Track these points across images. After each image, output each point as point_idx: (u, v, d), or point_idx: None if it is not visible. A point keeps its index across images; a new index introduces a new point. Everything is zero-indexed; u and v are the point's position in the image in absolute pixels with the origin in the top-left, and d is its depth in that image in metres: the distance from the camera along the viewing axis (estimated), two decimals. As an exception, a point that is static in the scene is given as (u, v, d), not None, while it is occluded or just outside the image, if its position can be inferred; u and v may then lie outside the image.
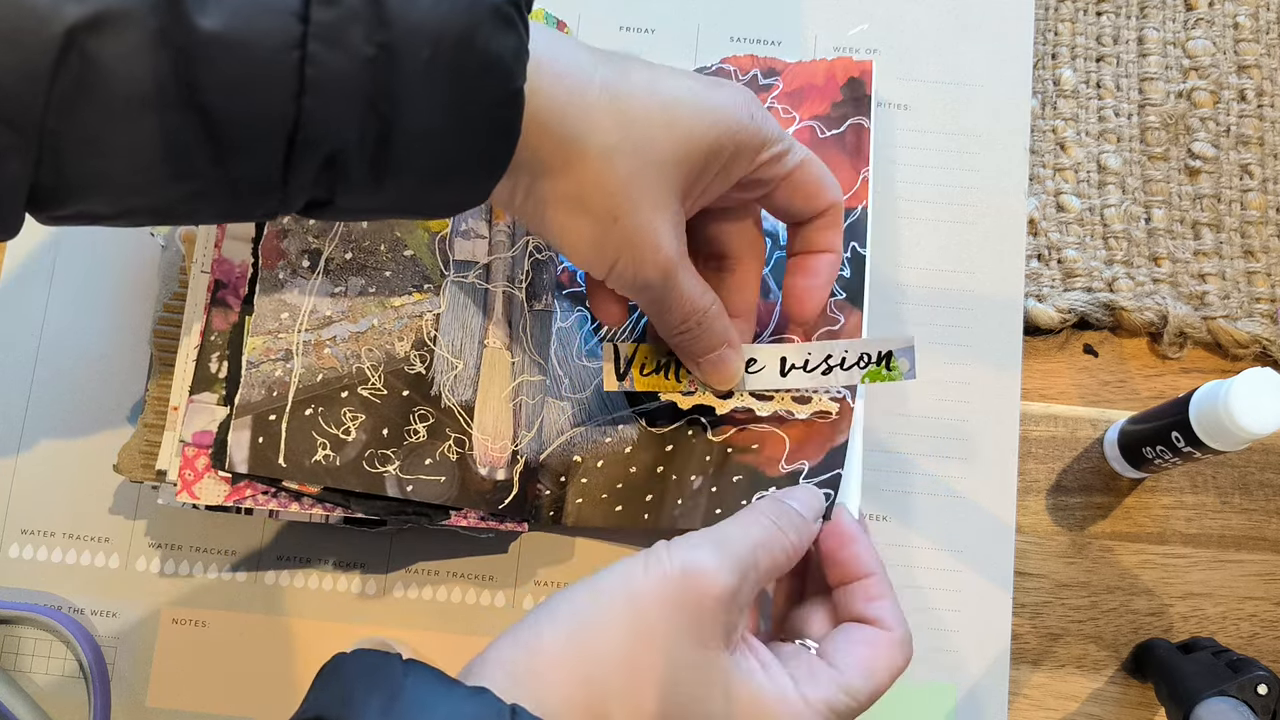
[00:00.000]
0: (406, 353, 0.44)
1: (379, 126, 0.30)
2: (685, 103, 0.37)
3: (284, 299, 0.44)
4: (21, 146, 0.27)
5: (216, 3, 0.28)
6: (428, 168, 0.32)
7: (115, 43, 0.27)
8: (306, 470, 0.42)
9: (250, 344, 0.43)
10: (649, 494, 0.45)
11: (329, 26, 0.29)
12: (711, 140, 0.37)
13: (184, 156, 0.29)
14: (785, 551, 0.37)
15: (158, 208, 0.31)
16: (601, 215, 0.36)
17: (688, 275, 0.39)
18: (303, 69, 0.29)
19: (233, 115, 0.29)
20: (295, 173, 0.30)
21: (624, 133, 0.36)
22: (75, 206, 0.30)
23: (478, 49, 0.30)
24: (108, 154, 0.29)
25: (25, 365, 0.50)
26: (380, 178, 0.32)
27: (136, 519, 0.48)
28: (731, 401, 0.44)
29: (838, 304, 0.46)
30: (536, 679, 0.32)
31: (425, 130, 0.31)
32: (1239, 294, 0.51)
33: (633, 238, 0.37)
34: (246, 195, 0.31)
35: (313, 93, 0.29)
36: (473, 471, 0.43)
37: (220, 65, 0.28)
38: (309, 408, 0.42)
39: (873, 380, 0.43)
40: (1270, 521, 0.49)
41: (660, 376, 0.44)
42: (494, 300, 0.45)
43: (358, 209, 0.33)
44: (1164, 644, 0.47)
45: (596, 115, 0.35)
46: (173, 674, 0.47)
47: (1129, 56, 0.54)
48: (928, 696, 0.47)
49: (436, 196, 0.34)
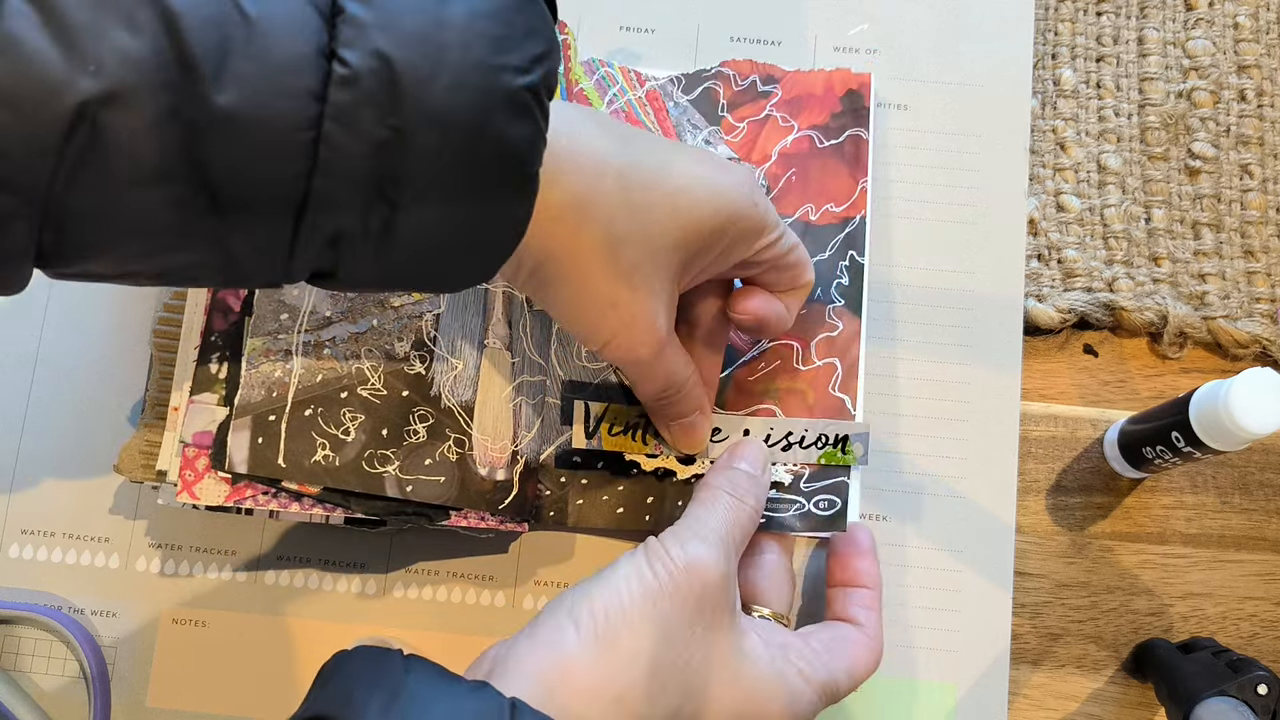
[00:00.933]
0: (406, 353, 0.44)
1: (385, 208, 0.30)
2: (693, 191, 0.38)
3: (284, 300, 0.44)
4: (28, 213, 0.27)
5: (233, 80, 0.27)
6: (433, 250, 0.32)
7: (127, 118, 0.27)
8: (306, 470, 0.42)
9: (250, 345, 0.43)
10: (650, 496, 0.45)
11: (345, 108, 0.28)
12: (715, 228, 0.38)
13: (188, 230, 0.29)
14: (750, 517, 0.41)
15: (160, 273, 0.31)
16: (601, 301, 0.37)
17: (673, 350, 0.41)
18: (316, 149, 0.28)
19: (241, 192, 0.29)
20: (300, 248, 0.30)
21: (631, 224, 0.36)
22: (79, 267, 0.30)
23: (490, 137, 0.30)
24: (112, 223, 0.29)
25: (25, 365, 0.50)
26: (385, 256, 0.32)
27: (136, 519, 0.48)
28: (694, 467, 0.45)
29: (836, 310, 0.46)
30: (567, 687, 0.34)
31: (432, 215, 0.31)
32: (1239, 294, 0.51)
33: (629, 321, 0.38)
34: (250, 267, 0.31)
35: (323, 173, 0.29)
36: (472, 472, 0.43)
37: (232, 142, 0.28)
38: (308, 408, 0.42)
39: (828, 461, 0.44)
40: (1270, 521, 0.49)
41: (627, 438, 0.45)
42: (494, 300, 0.45)
43: (361, 282, 0.33)
44: (1164, 644, 0.47)
45: (608, 206, 0.36)
46: (173, 674, 0.47)
47: (1129, 56, 0.54)
48: (928, 696, 0.47)
49: (440, 277, 0.34)
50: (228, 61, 0.27)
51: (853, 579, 0.43)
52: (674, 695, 0.35)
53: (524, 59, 0.30)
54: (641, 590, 0.36)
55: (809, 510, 0.43)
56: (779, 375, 0.46)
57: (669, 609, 0.36)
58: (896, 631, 0.47)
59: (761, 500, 0.42)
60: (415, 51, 0.29)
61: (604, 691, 0.34)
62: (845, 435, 0.44)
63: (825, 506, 0.43)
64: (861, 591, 0.43)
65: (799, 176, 0.48)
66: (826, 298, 0.47)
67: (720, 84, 0.50)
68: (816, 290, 0.47)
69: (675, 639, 0.35)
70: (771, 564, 0.42)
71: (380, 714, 0.31)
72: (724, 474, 0.42)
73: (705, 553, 0.37)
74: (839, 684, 0.39)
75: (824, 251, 0.47)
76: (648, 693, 0.34)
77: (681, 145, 0.40)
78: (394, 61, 0.29)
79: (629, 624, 0.35)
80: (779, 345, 0.47)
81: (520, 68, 0.30)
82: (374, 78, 0.28)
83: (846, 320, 0.46)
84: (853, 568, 0.43)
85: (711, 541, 0.38)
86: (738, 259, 0.40)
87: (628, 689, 0.34)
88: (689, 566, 0.36)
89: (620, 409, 0.46)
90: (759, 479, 0.42)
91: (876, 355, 0.49)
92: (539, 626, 0.36)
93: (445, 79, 0.29)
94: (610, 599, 0.36)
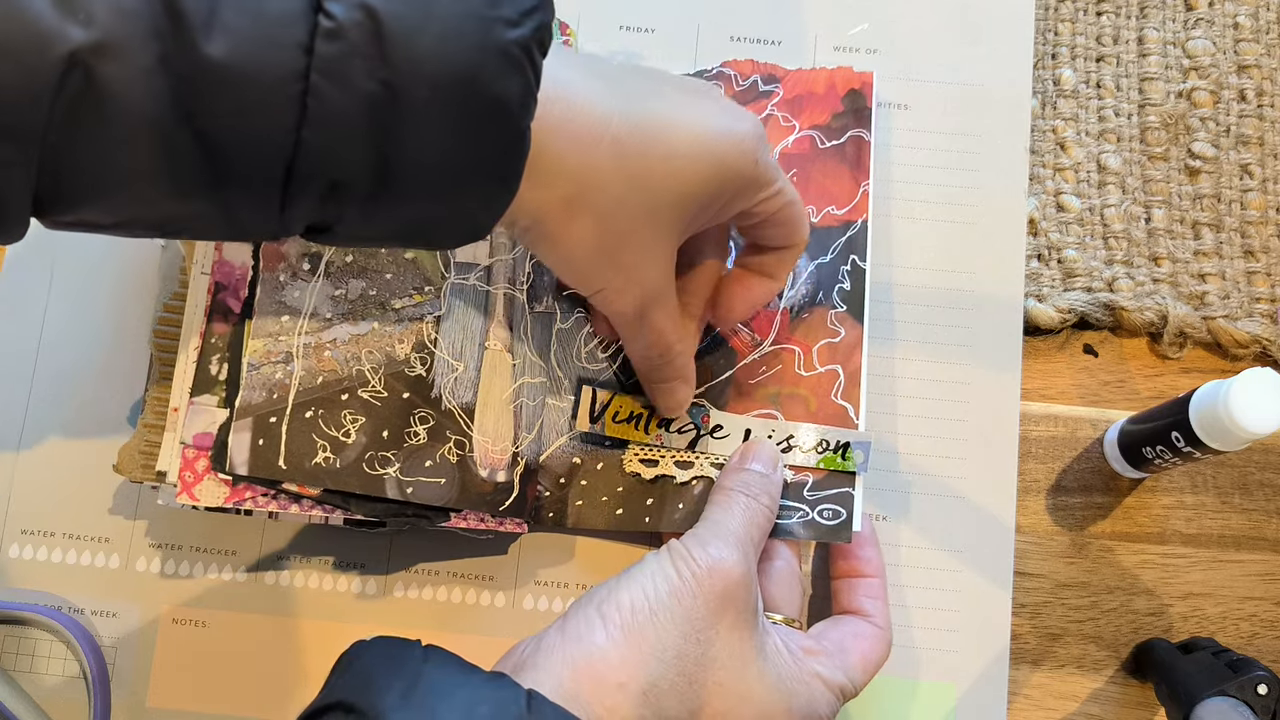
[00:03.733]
0: (407, 355, 0.44)
1: (378, 161, 0.30)
2: (692, 153, 0.37)
3: (284, 301, 0.44)
4: (24, 160, 0.28)
5: (222, 31, 0.28)
6: (426, 204, 0.32)
7: (118, 67, 0.27)
8: (307, 472, 0.42)
9: (251, 346, 0.43)
10: (649, 498, 0.45)
11: (332, 60, 0.28)
12: (715, 188, 0.38)
13: (182, 178, 0.29)
14: (766, 516, 0.41)
15: (156, 223, 0.32)
16: (592, 260, 0.37)
17: (663, 311, 0.40)
18: (304, 101, 0.29)
19: (231, 142, 0.29)
20: (293, 200, 0.30)
21: (627, 190, 0.36)
22: (76, 215, 0.30)
23: (480, 91, 0.30)
24: (106, 172, 0.29)
25: (25, 365, 0.50)
26: (378, 210, 0.32)
27: (136, 519, 0.48)
28: (691, 471, 0.45)
29: (838, 316, 0.46)
30: (596, 680, 0.34)
31: (424, 167, 0.31)
32: (1239, 294, 0.51)
33: (620, 274, 0.38)
34: (244, 218, 0.31)
35: (312, 125, 0.29)
36: (473, 473, 0.43)
37: (222, 93, 0.28)
38: (309, 410, 0.42)
39: (827, 466, 0.44)
40: (1270, 521, 0.49)
41: (630, 426, 0.45)
42: (495, 302, 0.45)
43: (357, 236, 0.33)
44: (1164, 644, 0.47)
45: (603, 173, 0.35)
46: (173, 674, 0.47)
47: (1129, 56, 0.54)
48: (927, 696, 0.47)
49: (435, 231, 0.34)
50: (217, 12, 0.28)
51: (856, 569, 0.44)
52: (699, 691, 0.36)
53: (515, 11, 0.30)
54: (668, 589, 0.37)
55: (813, 519, 0.43)
56: (780, 380, 0.46)
57: (693, 606, 0.36)
58: (896, 631, 0.47)
59: (775, 499, 0.42)
60: (403, 4, 0.29)
61: (631, 685, 0.34)
62: (847, 442, 0.44)
63: (830, 516, 0.43)
64: (866, 581, 0.44)
65: (800, 178, 0.48)
66: (829, 302, 0.47)
67: (721, 84, 0.50)
68: (819, 294, 0.47)
69: (700, 636, 0.36)
70: (781, 570, 0.43)
71: (400, 701, 0.31)
72: (738, 475, 0.42)
73: (727, 554, 0.38)
74: (855, 682, 0.40)
75: (825, 254, 0.47)
76: (674, 687, 0.35)
77: (683, 89, 0.39)
78: (379, 14, 0.29)
79: (655, 620, 0.36)
80: (780, 350, 0.47)
81: (511, 20, 0.30)
82: (359, 30, 0.28)
83: (848, 326, 0.46)
84: (855, 557, 0.44)
85: (731, 542, 0.38)
86: (736, 211, 0.40)
87: (654, 683, 0.35)
88: (712, 568, 0.37)
89: (626, 399, 0.46)
90: (771, 478, 0.42)
91: (877, 355, 0.49)
92: (568, 621, 0.37)
93: (434, 31, 0.29)
94: (637, 596, 0.37)
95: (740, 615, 0.37)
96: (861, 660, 0.40)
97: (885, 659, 0.42)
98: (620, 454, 0.46)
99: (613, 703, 0.34)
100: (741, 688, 0.36)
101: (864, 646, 0.41)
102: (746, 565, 0.38)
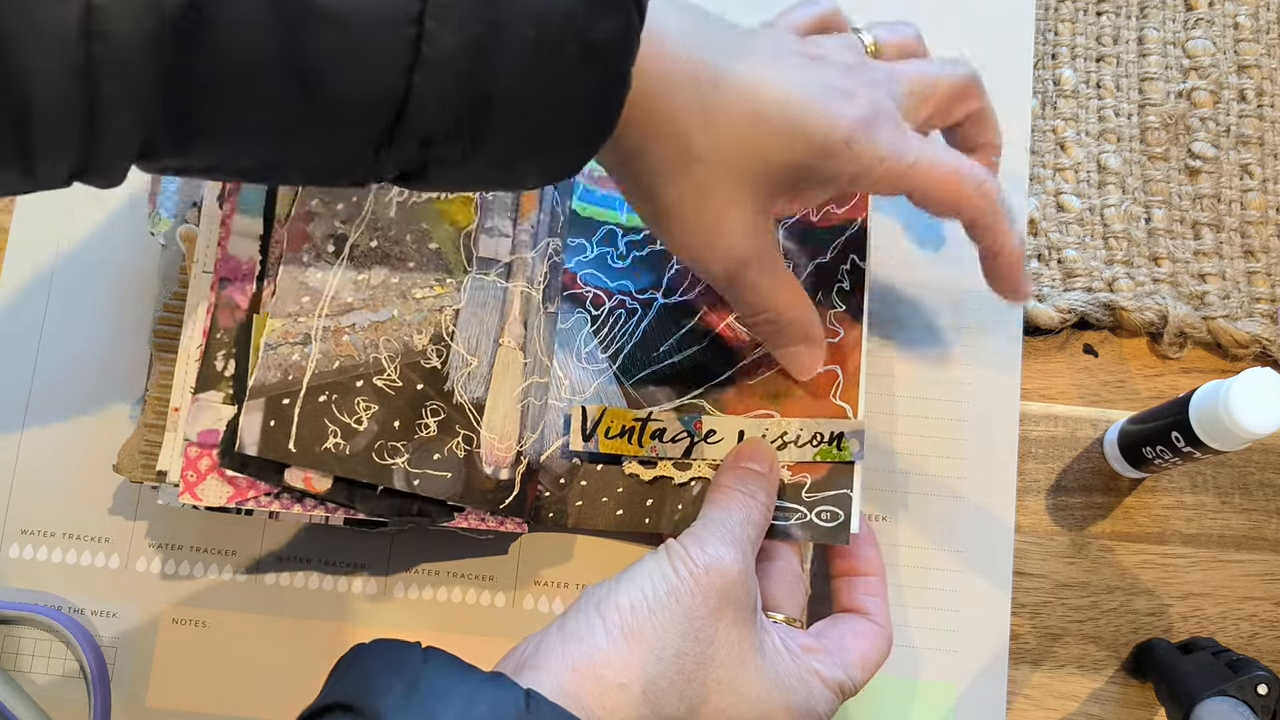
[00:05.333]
0: (424, 346, 0.44)
1: (480, 102, 0.30)
2: (774, 123, 0.36)
3: (306, 282, 0.43)
4: (133, 101, 0.27)
5: None
6: (524, 143, 0.32)
7: (230, 9, 0.27)
8: (316, 457, 0.41)
9: (269, 325, 0.43)
10: (649, 499, 0.45)
11: (444, 4, 0.28)
12: (793, 165, 0.37)
13: (285, 122, 0.29)
14: (763, 514, 0.41)
15: (249, 168, 0.32)
16: (670, 210, 0.37)
17: (759, 274, 0.39)
18: (418, 45, 0.28)
19: (340, 86, 0.29)
20: (394, 145, 0.30)
21: (708, 142, 0.35)
22: (179, 159, 0.30)
23: (581, 32, 0.30)
24: (214, 113, 0.29)
25: (25, 365, 0.50)
26: (475, 151, 0.32)
27: (137, 519, 0.48)
28: (689, 472, 0.45)
29: (837, 316, 0.46)
30: (596, 680, 0.34)
31: (524, 107, 0.31)
32: (1239, 294, 0.51)
33: (701, 233, 0.37)
34: (340, 163, 0.31)
35: (423, 69, 0.29)
36: (478, 469, 0.43)
37: (335, 36, 0.28)
38: (323, 394, 0.42)
39: (823, 458, 0.44)
40: (1270, 521, 0.49)
41: (623, 441, 0.45)
42: (512, 300, 0.45)
43: (448, 180, 0.33)
44: (1164, 644, 0.47)
45: (686, 121, 0.35)
46: (173, 674, 0.47)
47: (1129, 56, 0.54)
48: (927, 696, 0.47)
49: (528, 170, 0.34)
50: None
51: (855, 568, 0.44)
52: (699, 689, 0.36)
53: None
54: (666, 588, 0.37)
55: (811, 520, 0.43)
56: (779, 380, 0.46)
57: (692, 605, 0.36)
58: (897, 631, 0.47)
59: (772, 497, 0.42)
60: None
61: (632, 685, 0.35)
62: (840, 432, 0.44)
63: (828, 518, 0.43)
64: (866, 580, 0.43)
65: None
66: (828, 302, 0.47)
67: None
68: (818, 294, 0.47)
69: (699, 634, 0.36)
70: (783, 570, 0.43)
71: (400, 702, 0.31)
72: (734, 474, 0.42)
73: (724, 552, 0.38)
74: (855, 680, 0.40)
75: (825, 254, 0.47)
76: (674, 686, 0.35)
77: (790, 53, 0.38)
78: None
79: (654, 619, 0.36)
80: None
81: None
82: None
83: (848, 327, 0.46)
84: (854, 556, 0.44)
85: (729, 541, 0.38)
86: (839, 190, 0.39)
87: (654, 682, 0.35)
88: (709, 566, 0.37)
89: (617, 412, 0.46)
90: (768, 476, 0.42)
91: (876, 355, 0.49)
92: (567, 622, 0.37)
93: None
94: (635, 596, 0.37)
95: (739, 613, 0.37)
96: (861, 658, 0.40)
97: (886, 657, 0.42)
98: None
99: (613, 703, 0.34)
100: (740, 685, 0.36)
101: (864, 645, 0.41)
102: (744, 563, 0.38)
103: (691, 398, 0.46)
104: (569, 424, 0.46)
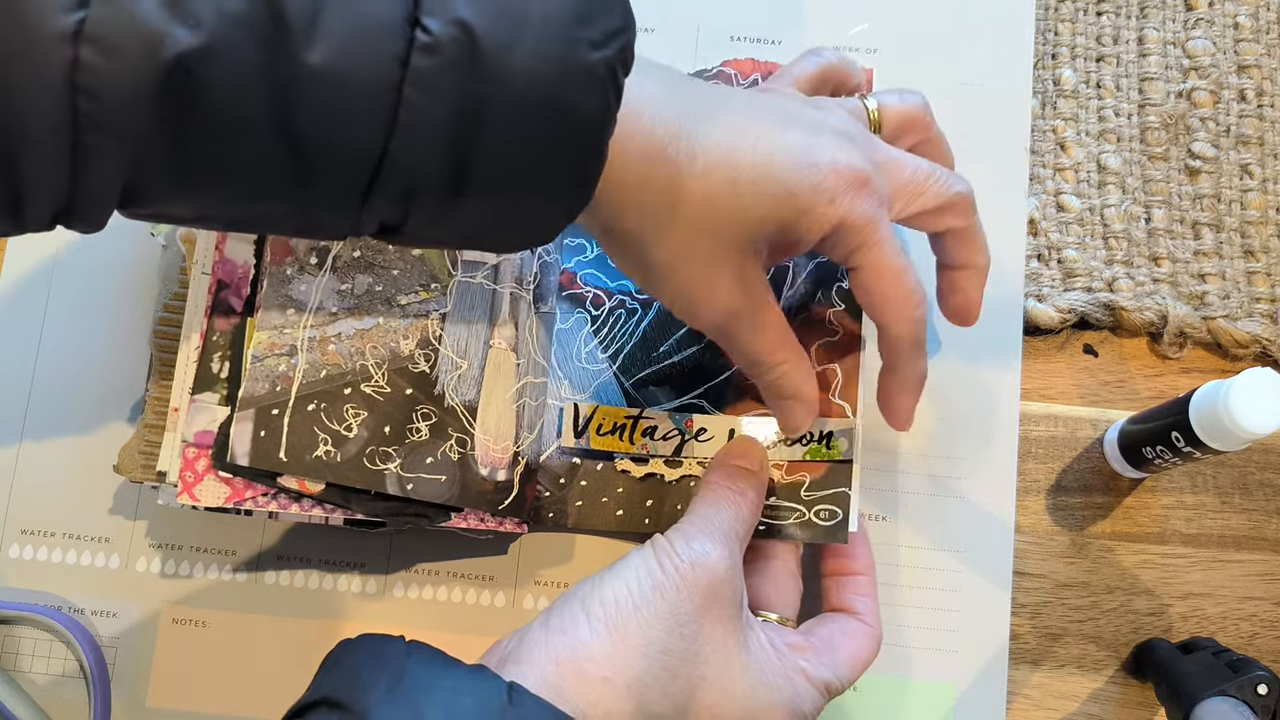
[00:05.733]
0: (411, 351, 0.44)
1: (457, 167, 0.31)
2: (759, 177, 0.36)
3: (291, 295, 0.44)
4: (119, 154, 0.28)
5: (323, 38, 0.28)
6: (498, 210, 0.33)
7: (220, 71, 0.27)
8: (307, 465, 0.42)
9: (255, 338, 0.43)
10: (649, 499, 0.45)
11: (426, 74, 0.29)
12: (777, 223, 0.36)
13: (270, 179, 0.30)
14: (751, 511, 0.41)
15: (234, 218, 0.32)
16: (655, 269, 0.37)
17: (749, 330, 0.39)
18: (396, 112, 0.29)
19: (321, 147, 0.29)
20: (371, 203, 0.31)
21: (687, 204, 0.36)
22: (159, 208, 0.31)
23: (564, 108, 0.31)
24: (197, 169, 0.29)
25: (25, 365, 0.50)
26: (450, 213, 0.32)
27: (137, 519, 0.48)
28: (680, 470, 0.45)
29: (836, 314, 0.46)
30: (580, 675, 0.34)
31: (501, 176, 0.31)
32: (1239, 294, 0.51)
33: (685, 291, 0.37)
34: (323, 218, 0.32)
35: (402, 134, 0.29)
36: (473, 471, 0.43)
37: (317, 100, 0.29)
38: (312, 403, 0.42)
39: (813, 457, 0.44)
40: (1270, 521, 0.49)
41: (615, 438, 0.45)
42: (501, 301, 0.45)
43: (425, 236, 0.34)
44: (1164, 644, 0.47)
45: (665, 189, 0.35)
46: (173, 674, 0.47)
47: (1129, 56, 0.54)
48: (926, 696, 0.47)
49: (505, 236, 0.35)
50: (319, 20, 0.28)
51: (846, 566, 0.44)
52: (684, 686, 0.36)
53: (602, 32, 0.31)
54: (651, 583, 0.37)
55: (809, 519, 0.43)
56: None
57: (677, 601, 0.36)
58: (896, 631, 0.47)
59: (761, 494, 0.42)
60: (497, 20, 0.29)
61: (616, 680, 0.35)
62: (829, 431, 0.44)
63: (826, 517, 0.43)
64: (856, 579, 0.43)
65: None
66: (827, 301, 0.47)
67: (722, 83, 0.50)
68: (817, 292, 0.47)
69: (685, 631, 0.36)
70: (778, 568, 0.43)
71: (385, 695, 0.32)
72: (723, 470, 0.42)
73: (711, 548, 0.38)
74: (842, 679, 0.40)
75: (824, 254, 0.47)
76: (658, 681, 0.35)
77: (769, 115, 0.37)
78: (475, 30, 0.29)
79: (639, 615, 0.36)
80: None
81: (597, 41, 0.31)
82: (455, 45, 0.29)
83: (847, 325, 0.46)
84: (844, 555, 0.44)
85: (716, 537, 0.38)
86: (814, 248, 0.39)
87: (639, 677, 0.35)
88: (695, 562, 0.37)
89: (609, 409, 0.46)
90: (757, 474, 0.42)
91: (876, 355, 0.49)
92: (552, 616, 0.37)
93: (525, 48, 0.30)
94: (620, 591, 0.37)
95: (725, 610, 0.37)
96: (850, 658, 0.40)
97: (874, 656, 0.41)
98: None
99: (597, 697, 0.34)
100: (725, 682, 0.36)
101: (852, 644, 0.41)
102: (731, 560, 0.38)
103: (691, 398, 0.46)
104: (560, 424, 0.46)
